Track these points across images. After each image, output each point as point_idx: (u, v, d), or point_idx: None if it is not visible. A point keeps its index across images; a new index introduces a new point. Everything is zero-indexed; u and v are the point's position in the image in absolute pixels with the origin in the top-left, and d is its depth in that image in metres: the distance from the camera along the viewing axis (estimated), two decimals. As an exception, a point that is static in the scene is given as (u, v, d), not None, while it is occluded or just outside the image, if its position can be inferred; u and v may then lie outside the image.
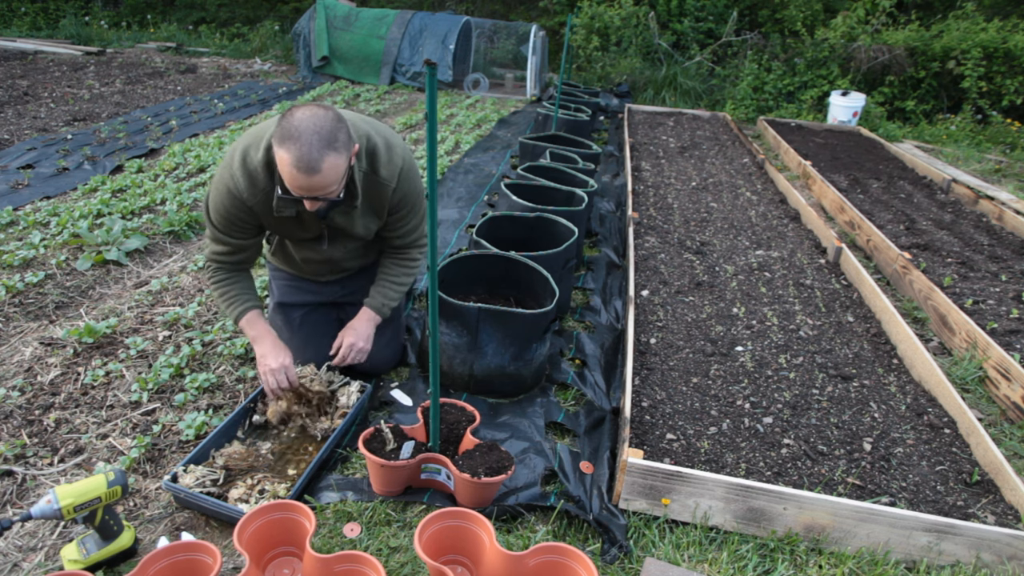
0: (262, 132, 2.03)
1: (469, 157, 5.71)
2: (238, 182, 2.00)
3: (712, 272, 3.68)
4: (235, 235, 2.14)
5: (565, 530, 1.95)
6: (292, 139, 1.77)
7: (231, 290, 2.23)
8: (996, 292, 3.61)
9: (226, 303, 2.23)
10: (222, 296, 2.23)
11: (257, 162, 1.99)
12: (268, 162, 1.98)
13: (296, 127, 1.77)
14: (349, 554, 1.56)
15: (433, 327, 1.80)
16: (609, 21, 9.45)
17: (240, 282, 2.25)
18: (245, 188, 2.01)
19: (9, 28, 10.72)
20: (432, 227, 1.63)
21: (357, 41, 8.70)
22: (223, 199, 2.05)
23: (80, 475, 2.04)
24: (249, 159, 2.00)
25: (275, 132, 1.83)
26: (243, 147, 2.02)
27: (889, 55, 8.64)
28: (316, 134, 1.77)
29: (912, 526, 1.89)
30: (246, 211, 2.07)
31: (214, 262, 2.23)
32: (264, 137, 2.00)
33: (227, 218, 2.09)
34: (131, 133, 5.67)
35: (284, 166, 1.80)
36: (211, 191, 2.10)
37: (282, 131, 1.79)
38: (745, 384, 2.65)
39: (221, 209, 2.08)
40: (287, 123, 1.79)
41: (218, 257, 2.20)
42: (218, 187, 2.06)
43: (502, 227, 3.09)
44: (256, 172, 1.99)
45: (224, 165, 2.06)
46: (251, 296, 2.26)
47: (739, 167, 5.90)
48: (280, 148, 1.79)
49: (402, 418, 2.34)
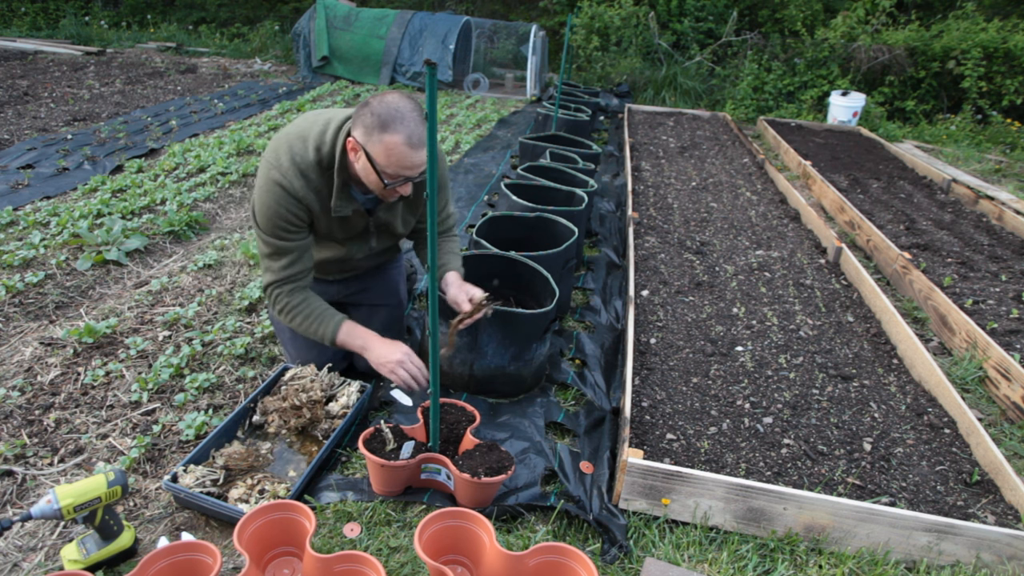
0: (303, 132, 2.04)
1: (469, 157, 5.71)
2: (290, 180, 2.00)
3: (712, 272, 3.68)
4: (293, 236, 2.08)
5: (565, 530, 1.95)
6: (397, 121, 1.85)
7: (314, 309, 2.15)
8: (996, 292, 3.61)
9: (315, 322, 2.14)
10: (307, 318, 2.14)
11: (310, 160, 2.01)
12: (319, 161, 2.02)
13: (397, 110, 1.86)
14: (349, 554, 1.56)
15: (433, 327, 1.80)
16: (609, 21, 9.45)
17: (315, 299, 2.17)
18: (299, 186, 2.01)
19: (9, 28, 10.71)
20: (432, 227, 1.63)
21: (357, 41, 8.70)
22: (275, 200, 2.01)
23: (80, 475, 2.04)
24: (299, 158, 2.00)
25: (367, 124, 1.88)
26: (286, 148, 2.02)
27: (889, 55, 8.64)
28: (414, 111, 1.89)
29: (912, 526, 1.89)
30: (300, 208, 2.04)
31: (280, 284, 2.13)
32: (309, 137, 2.02)
33: (283, 218, 2.03)
34: (131, 133, 5.67)
35: (396, 148, 1.86)
36: (258, 204, 2.05)
37: (380, 119, 1.86)
38: (745, 384, 2.65)
39: (273, 214, 2.03)
40: (383, 110, 1.86)
41: (284, 273, 2.11)
42: (267, 192, 2.02)
43: (502, 227, 3.09)
44: (309, 169, 2.01)
45: (269, 169, 2.02)
46: (333, 309, 2.19)
47: (739, 167, 5.89)
48: (385, 133, 1.86)
49: (402, 418, 2.34)
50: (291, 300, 2.14)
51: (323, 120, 2.08)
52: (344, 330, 2.15)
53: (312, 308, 2.15)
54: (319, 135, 2.03)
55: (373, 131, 1.88)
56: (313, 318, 2.14)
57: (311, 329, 2.15)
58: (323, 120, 2.08)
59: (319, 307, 2.16)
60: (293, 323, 2.17)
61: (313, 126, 2.05)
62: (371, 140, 1.89)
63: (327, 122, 2.07)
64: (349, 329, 2.15)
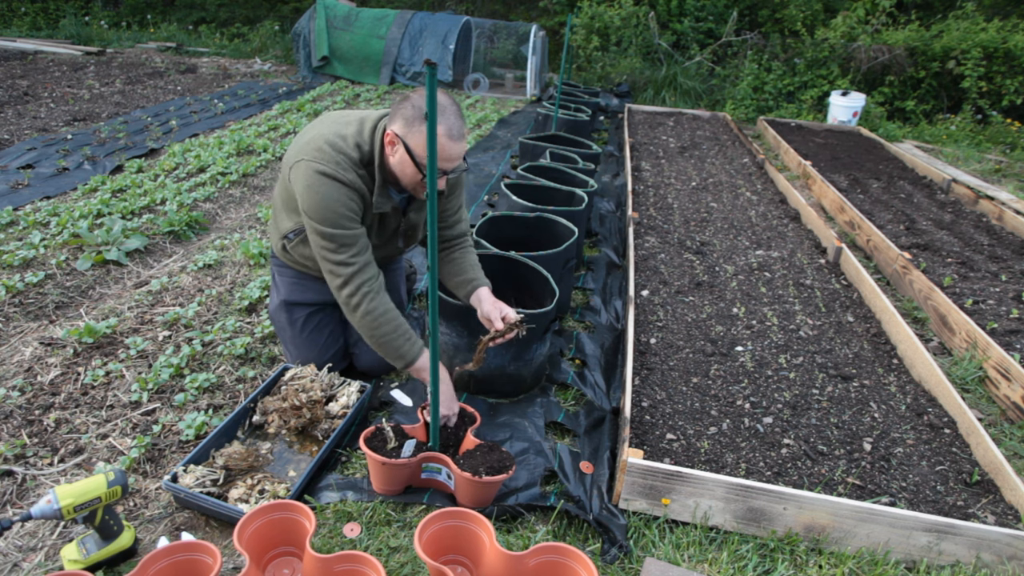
0: (340, 131, 2.04)
1: (469, 157, 5.71)
2: (342, 172, 1.99)
3: (712, 272, 3.68)
4: (354, 225, 2.03)
5: (565, 530, 1.95)
6: (440, 113, 1.85)
7: (401, 323, 2.07)
8: (996, 292, 3.61)
9: (401, 338, 2.06)
10: (395, 331, 2.06)
11: (354, 157, 2.02)
12: (361, 158, 2.03)
13: (438, 103, 1.85)
14: (349, 554, 1.56)
15: (433, 327, 1.80)
16: (609, 21, 9.46)
17: (397, 311, 2.10)
18: (352, 178, 2.00)
19: (9, 28, 10.72)
20: (432, 227, 1.63)
21: (357, 41, 8.70)
22: (331, 191, 1.97)
23: (80, 475, 2.04)
24: (343, 155, 2.00)
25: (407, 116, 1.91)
26: (327, 146, 2.00)
27: (889, 55, 8.64)
28: (454, 105, 1.92)
29: (912, 526, 1.89)
30: (355, 196, 2.02)
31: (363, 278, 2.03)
32: (347, 136, 2.03)
33: (343, 204, 1.99)
34: (131, 133, 5.67)
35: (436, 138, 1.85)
36: (311, 201, 1.99)
37: (421, 111, 1.89)
38: (745, 384, 2.65)
39: (332, 201, 1.97)
40: (421, 104, 1.88)
41: (355, 261, 2.02)
42: (320, 185, 1.97)
43: (502, 227, 3.09)
44: (355, 165, 2.02)
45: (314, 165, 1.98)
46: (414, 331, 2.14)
47: (739, 167, 5.89)
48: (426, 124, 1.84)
49: (402, 418, 2.34)
50: (379, 304, 2.05)
51: (356, 120, 2.09)
52: (424, 357, 2.09)
53: (400, 323, 2.07)
54: (356, 133, 2.05)
55: (414, 122, 1.91)
56: (400, 333, 2.06)
57: (397, 344, 2.07)
58: (356, 120, 2.09)
59: (406, 324, 2.10)
60: (380, 330, 2.05)
61: (347, 126, 2.07)
62: (411, 131, 1.92)
63: (361, 121, 2.08)
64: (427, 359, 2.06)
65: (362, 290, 2.04)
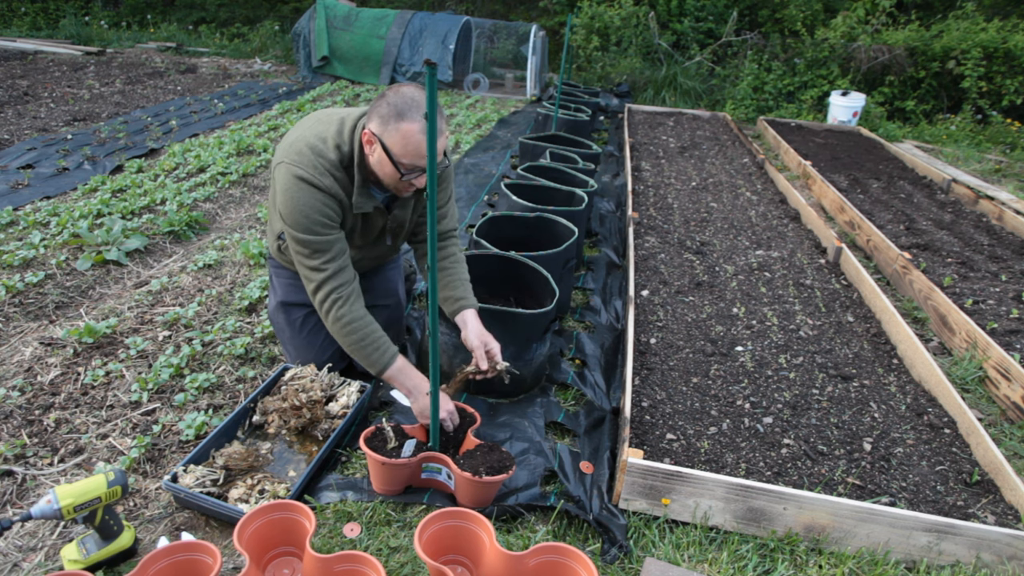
0: (320, 133, 2.02)
1: (469, 157, 5.72)
2: (318, 177, 1.97)
3: (712, 272, 3.68)
4: (329, 231, 2.01)
5: (565, 530, 1.95)
6: (413, 109, 1.86)
7: (373, 331, 2.05)
8: (996, 292, 3.61)
9: (372, 347, 2.04)
10: (365, 339, 2.04)
11: (333, 159, 2.00)
12: (340, 160, 2.01)
13: (412, 99, 1.87)
14: (349, 554, 1.56)
15: (433, 327, 1.80)
16: (609, 21, 9.46)
17: (373, 321, 2.07)
18: (328, 183, 1.99)
19: (9, 28, 10.72)
20: (432, 227, 1.63)
21: (357, 41, 8.70)
22: (306, 197, 1.96)
23: (80, 475, 2.04)
24: (322, 158, 1.98)
25: (383, 114, 1.88)
26: (307, 149, 1.98)
27: (889, 55, 8.64)
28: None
29: (912, 526, 1.89)
30: (331, 202, 2.00)
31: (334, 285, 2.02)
32: (327, 137, 2.01)
33: (317, 211, 1.97)
34: (131, 133, 5.67)
35: (412, 136, 1.86)
36: (287, 206, 1.97)
37: (396, 108, 1.86)
38: (745, 384, 2.65)
39: (307, 207, 1.96)
40: (399, 100, 1.86)
41: (330, 268, 2.01)
42: (296, 190, 1.96)
43: (502, 227, 3.09)
44: (333, 168, 2.00)
45: (292, 169, 1.97)
46: (388, 338, 2.10)
47: (739, 167, 5.89)
48: (402, 122, 1.86)
49: (402, 418, 2.34)
50: (351, 312, 2.03)
51: (336, 119, 2.06)
52: (397, 366, 2.07)
53: (372, 331, 2.05)
54: (337, 134, 2.02)
55: (389, 120, 1.88)
56: (371, 341, 2.04)
57: (365, 352, 2.05)
58: (336, 119, 2.06)
59: (377, 332, 2.07)
60: (348, 339, 2.04)
61: (328, 126, 2.04)
62: (387, 130, 1.89)
63: (341, 121, 2.05)
64: (402, 366, 2.08)
65: (332, 296, 2.03)
